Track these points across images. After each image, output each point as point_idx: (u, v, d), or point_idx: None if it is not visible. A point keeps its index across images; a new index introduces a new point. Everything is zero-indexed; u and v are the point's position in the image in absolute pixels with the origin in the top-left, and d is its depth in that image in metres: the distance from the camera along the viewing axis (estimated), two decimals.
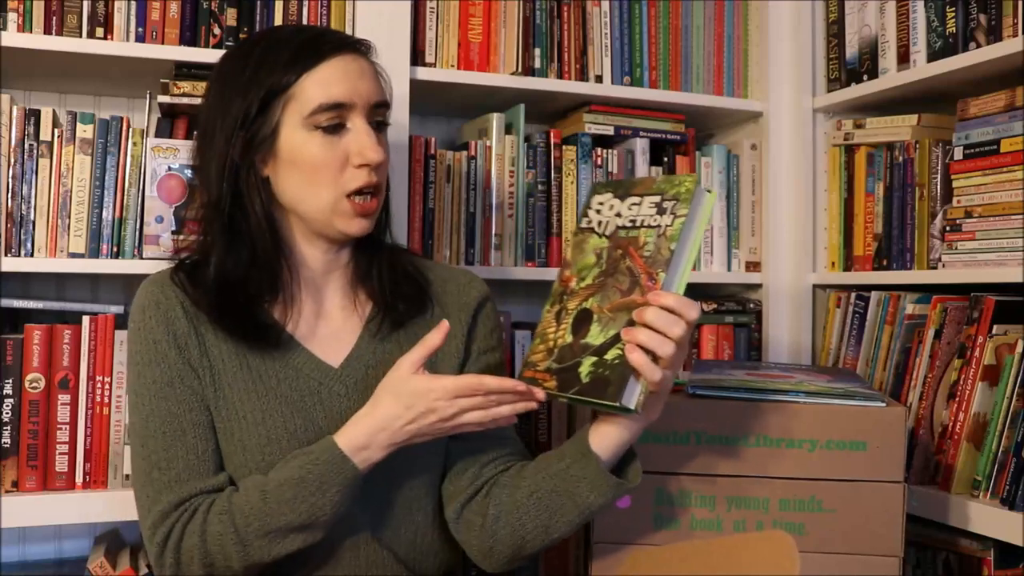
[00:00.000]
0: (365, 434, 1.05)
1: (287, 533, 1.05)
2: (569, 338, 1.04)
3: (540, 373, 1.04)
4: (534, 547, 1.12)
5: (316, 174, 1.10)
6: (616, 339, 0.99)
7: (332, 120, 1.10)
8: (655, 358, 0.97)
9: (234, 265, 1.12)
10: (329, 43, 1.12)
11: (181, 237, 1.21)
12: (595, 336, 1.02)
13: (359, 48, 1.15)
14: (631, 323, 0.99)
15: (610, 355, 0.99)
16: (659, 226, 1.03)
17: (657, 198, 1.05)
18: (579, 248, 1.10)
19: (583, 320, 1.04)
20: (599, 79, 1.77)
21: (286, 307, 1.15)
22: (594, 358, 1.00)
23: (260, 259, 1.13)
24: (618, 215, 1.08)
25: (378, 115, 1.14)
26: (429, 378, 1.03)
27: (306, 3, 1.58)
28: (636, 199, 1.07)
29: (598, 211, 1.10)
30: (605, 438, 1.07)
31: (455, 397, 1.02)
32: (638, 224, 1.05)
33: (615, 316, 1.01)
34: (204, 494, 1.08)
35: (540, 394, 1.03)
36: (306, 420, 1.12)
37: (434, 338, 1.05)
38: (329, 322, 1.19)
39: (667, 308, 0.98)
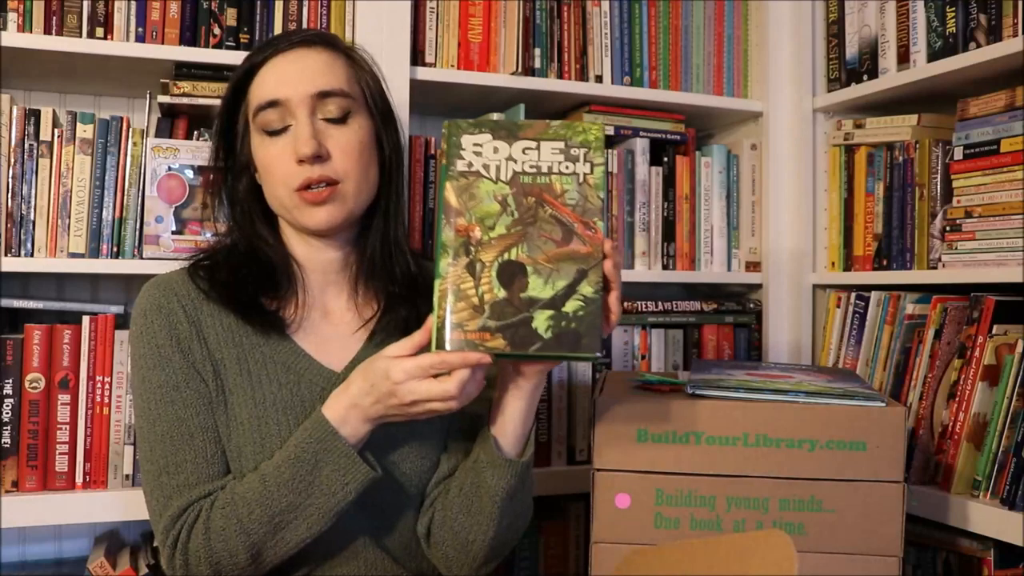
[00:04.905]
0: (343, 407, 1.05)
1: (290, 518, 1.04)
2: (501, 293, 0.99)
3: (474, 333, 0.99)
4: (480, 550, 1.12)
5: (270, 175, 1.13)
6: (571, 290, 0.99)
7: (276, 121, 1.12)
8: None
9: (243, 259, 1.16)
10: (273, 46, 1.15)
11: (199, 238, 1.24)
12: (540, 289, 0.99)
13: (310, 43, 1.14)
14: (582, 273, 0.99)
15: (569, 307, 0.99)
16: (575, 174, 1.02)
17: (559, 144, 1.03)
18: (468, 194, 1.03)
19: (514, 272, 1.00)
20: (599, 79, 1.77)
21: (291, 304, 1.16)
22: (549, 311, 0.99)
23: (264, 255, 1.16)
24: (511, 159, 1.03)
25: (330, 108, 1.12)
26: (392, 360, 1.01)
27: (306, 3, 1.58)
28: (529, 143, 1.04)
29: (478, 153, 1.04)
30: (505, 418, 1.08)
31: (415, 378, 0.99)
32: (545, 171, 1.03)
33: (557, 267, 1.00)
34: (210, 496, 1.08)
35: (487, 357, 0.98)
36: None
37: (419, 337, 1.02)
38: (333, 325, 1.19)
39: (619, 263, 1.03)
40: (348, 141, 1.13)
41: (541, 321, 0.98)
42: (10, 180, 1.44)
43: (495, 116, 1.72)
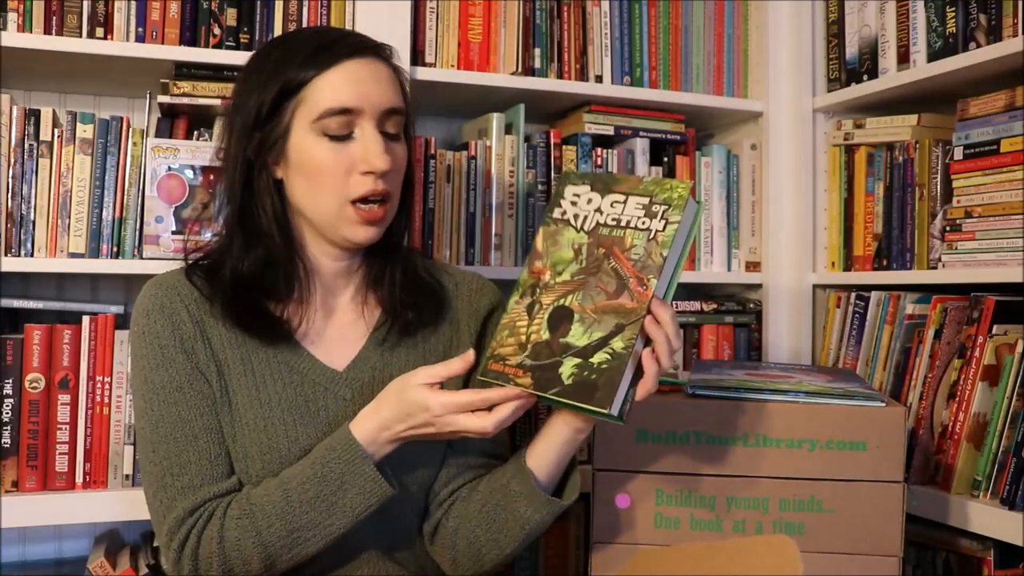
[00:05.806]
0: (373, 429, 1.05)
1: (309, 534, 1.05)
2: (546, 335, 1.03)
3: (511, 368, 1.02)
4: (492, 561, 1.13)
5: (321, 179, 1.09)
6: (603, 342, 0.99)
7: (341, 127, 1.08)
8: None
9: (250, 264, 1.12)
10: (345, 46, 1.10)
11: (196, 238, 1.20)
12: (578, 336, 1.01)
13: (377, 52, 1.13)
14: (619, 327, 0.99)
15: (596, 359, 0.99)
16: (648, 230, 1.03)
17: (645, 200, 1.04)
18: (553, 240, 1.08)
19: (562, 318, 1.03)
20: (599, 79, 1.77)
21: (297, 308, 1.15)
22: (577, 360, 1.00)
23: (274, 259, 1.13)
24: (599, 211, 1.07)
25: (391, 124, 1.12)
26: (431, 393, 1.02)
27: (306, 3, 1.58)
28: (619, 197, 1.06)
29: (574, 203, 1.08)
30: (541, 457, 1.10)
31: (453, 413, 1.01)
32: (623, 224, 1.04)
33: (600, 318, 1.01)
34: (218, 498, 1.07)
35: (524, 394, 1.01)
36: (308, 427, 1.11)
37: (456, 366, 1.04)
38: (337, 325, 1.18)
39: (664, 321, 1.00)
40: (401, 160, 1.14)
41: (568, 367, 1.00)
42: (10, 180, 1.44)
43: (496, 117, 1.71)
